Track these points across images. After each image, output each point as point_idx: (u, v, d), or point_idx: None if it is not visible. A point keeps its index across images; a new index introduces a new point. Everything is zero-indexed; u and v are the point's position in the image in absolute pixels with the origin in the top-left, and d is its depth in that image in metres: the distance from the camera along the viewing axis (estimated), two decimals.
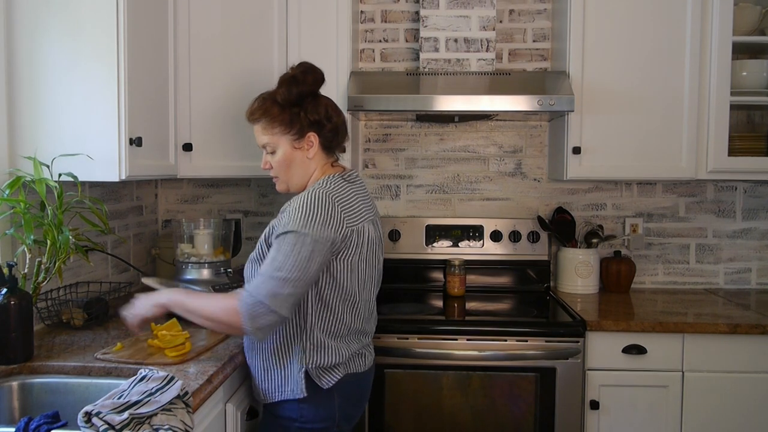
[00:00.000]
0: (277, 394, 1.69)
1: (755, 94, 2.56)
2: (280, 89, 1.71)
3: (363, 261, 1.70)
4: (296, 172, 1.75)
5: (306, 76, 1.72)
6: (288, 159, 1.73)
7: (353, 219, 1.66)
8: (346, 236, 1.63)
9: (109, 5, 1.84)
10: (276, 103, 1.71)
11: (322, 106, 1.74)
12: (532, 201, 2.90)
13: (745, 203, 2.87)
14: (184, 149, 2.38)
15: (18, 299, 1.60)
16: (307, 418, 1.68)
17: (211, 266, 2.18)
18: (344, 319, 1.69)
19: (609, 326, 2.24)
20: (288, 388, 1.68)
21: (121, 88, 1.87)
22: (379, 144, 2.92)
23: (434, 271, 2.82)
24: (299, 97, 1.71)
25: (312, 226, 1.57)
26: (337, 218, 1.61)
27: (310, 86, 1.73)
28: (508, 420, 2.24)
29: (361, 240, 1.68)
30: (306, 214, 1.58)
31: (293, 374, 1.67)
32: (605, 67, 2.50)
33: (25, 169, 1.84)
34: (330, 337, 1.67)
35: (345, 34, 2.46)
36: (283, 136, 1.71)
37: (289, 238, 1.57)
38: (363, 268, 1.70)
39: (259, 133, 1.75)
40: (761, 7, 2.57)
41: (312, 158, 1.74)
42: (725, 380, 2.24)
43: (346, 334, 1.71)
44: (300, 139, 1.72)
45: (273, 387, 1.70)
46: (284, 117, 1.70)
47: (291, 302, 1.56)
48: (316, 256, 1.57)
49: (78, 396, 1.58)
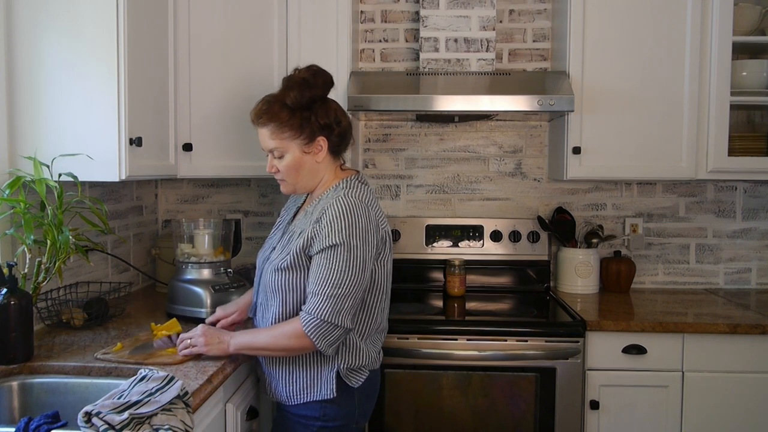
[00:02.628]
0: (303, 396, 1.70)
1: (755, 94, 2.56)
2: (291, 92, 1.67)
3: (390, 260, 1.76)
4: (305, 176, 1.73)
5: (317, 79, 1.69)
6: (297, 164, 1.70)
7: (382, 222, 1.72)
8: (381, 239, 1.69)
9: (109, 5, 1.84)
10: (285, 106, 1.67)
11: (332, 110, 1.72)
12: (532, 201, 2.90)
13: (745, 203, 2.87)
14: (184, 149, 2.38)
15: (18, 299, 1.60)
16: (330, 416, 1.70)
17: (211, 266, 2.18)
18: (377, 319, 1.74)
19: (609, 326, 2.24)
20: (317, 390, 1.69)
21: (121, 88, 1.86)
22: (379, 144, 2.92)
23: (434, 271, 2.82)
24: (311, 101, 1.68)
25: (357, 236, 1.60)
26: (374, 223, 1.66)
27: (321, 90, 1.71)
28: (508, 420, 2.24)
29: (389, 241, 1.75)
30: (349, 224, 1.60)
31: (323, 377, 1.69)
32: (605, 67, 2.50)
33: (25, 169, 1.84)
34: (362, 339, 1.72)
35: (345, 34, 2.46)
36: (292, 141, 1.68)
37: (340, 253, 1.59)
38: (390, 267, 1.77)
39: (265, 137, 1.70)
40: (761, 7, 2.57)
41: (321, 162, 1.73)
42: (725, 380, 2.24)
43: (373, 334, 1.75)
44: (310, 143, 1.69)
45: (300, 390, 1.71)
46: (294, 121, 1.67)
47: (353, 313, 1.63)
48: (367, 264, 1.63)
49: (78, 396, 1.58)
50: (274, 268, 1.70)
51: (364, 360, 1.71)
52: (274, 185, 2.94)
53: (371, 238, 1.63)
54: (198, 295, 2.10)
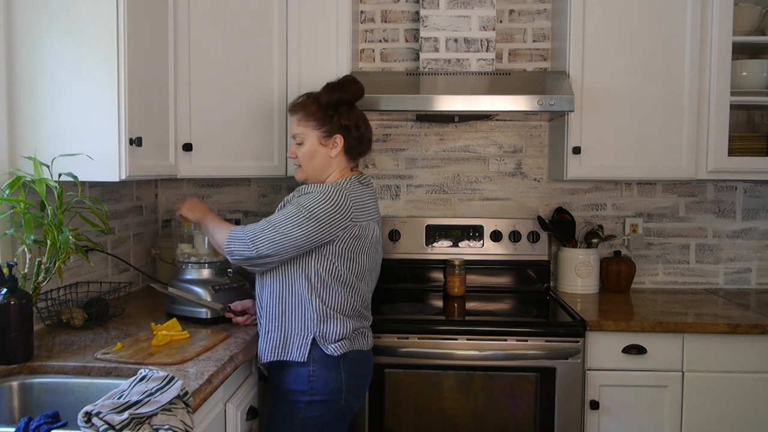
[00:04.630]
0: (278, 354, 1.86)
1: (755, 94, 2.56)
2: (325, 91, 1.93)
3: (364, 253, 1.89)
4: (317, 165, 1.93)
5: (348, 86, 1.94)
6: (312, 152, 1.92)
7: (361, 215, 1.87)
8: (347, 227, 1.83)
9: (109, 5, 1.84)
10: (317, 101, 1.92)
11: (355, 116, 1.95)
12: (532, 201, 2.90)
13: (745, 203, 2.87)
14: (184, 149, 2.38)
15: (18, 299, 1.60)
16: (317, 389, 1.84)
17: (211, 266, 2.18)
18: (345, 299, 1.87)
19: (609, 326, 2.24)
20: (290, 350, 1.85)
21: (121, 88, 1.86)
22: (379, 144, 2.92)
23: (434, 271, 2.82)
24: (338, 102, 1.92)
25: (316, 207, 1.80)
26: (345, 213, 1.82)
27: (350, 95, 1.94)
28: (508, 420, 2.24)
29: (364, 234, 1.88)
30: (317, 198, 1.81)
31: (297, 339, 1.85)
32: (605, 67, 2.50)
33: (25, 169, 1.84)
34: (334, 311, 1.85)
35: (345, 34, 2.46)
36: (313, 131, 1.92)
37: (291, 208, 1.82)
38: (363, 260, 1.90)
39: (294, 124, 1.95)
40: (761, 7, 2.57)
41: (334, 158, 1.93)
42: (725, 380, 2.24)
43: (349, 313, 1.89)
44: (327, 138, 1.92)
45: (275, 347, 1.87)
46: (319, 115, 1.91)
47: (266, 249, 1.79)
48: (307, 230, 1.78)
49: (78, 396, 1.58)
50: None
51: (339, 330, 1.85)
52: (274, 185, 2.94)
53: (330, 218, 1.80)
54: (198, 295, 2.10)
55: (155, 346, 1.76)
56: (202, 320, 2.06)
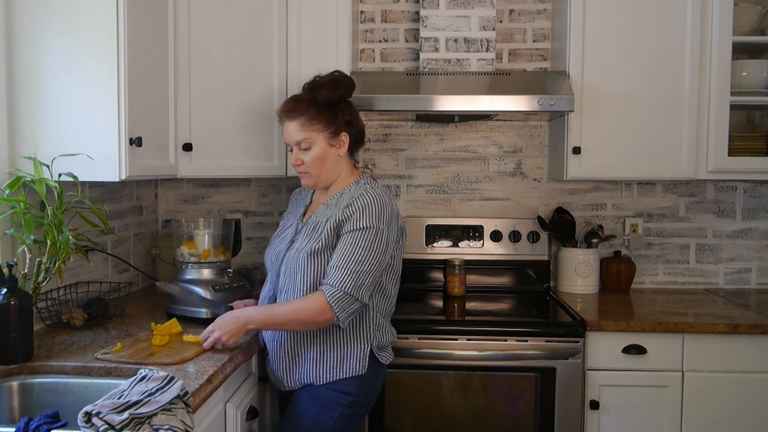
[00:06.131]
0: (336, 374, 1.81)
1: (755, 94, 2.56)
2: (323, 90, 1.84)
3: (401, 256, 1.93)
4: (328, 168, 1.88)
5: (345, 81, 1.89)
6: (323, 155, 1.85)
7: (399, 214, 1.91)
8: (400, 229, 1.89)
9: (109, 5, 1.84)
10: (315, 102, 1.84)
11: (353, 110, 1.92)
12: (532, 201, 2.90)
13: (745, 203, 2.87)
14: (184, 149, 2.38)
15: (18, 299, 1.60)
16: (363, 392, 1.85)
17: (211, 266, 2.18)
18: (392, 301, 1.92)
19: (609, 326, 2.24)
20: (348, 367, 1.81)
21: (121, 88, 1.86)
22: (379, 144, 2.92)
23: (434, 271, 2.82)
24: (340, 98, 1.87)
25: (384, 222, 1.78)
26: (396, 213, 1.86)
27: (348, 90, 1.90)
28: (508, 420, 2.24)
29: (402, 236, 1.92)
30: (378, 211, 1.77)
31: (356, 354, 1.82)
32: (605, 67, 2.50)
33: (25, 169, 1.84)
34: (385, 318, 1.89)
35: (345, 34, 2.46)
36: (320, 134, 1.84)
37: (368, 235, 1.75)
38: (400, 262, 1.93)
39: (294, 130, 1.84)
40: (761, 7, 2.57)
41: (342, 157, 1.89)
42: (725, 380, 2.24)
43: (390, 318, 1.94)
44: (335, 137, 1.86)
45: (332, 368, 1.81)
46: (322, 116, 1.84)
47: (372, 290, 1.78)
48: (390, 247, 1.80)
49: (78, 396, 1.58)
50: (308, 253, 1.80)
51: (389, 338, 1.91)
52: (274, 185, 2.94)
53: (394, 225, 1.82)
54: (198, 295, 2.10)
55: (155, 346, 1.76)
56: (202, 320, 2.06)
